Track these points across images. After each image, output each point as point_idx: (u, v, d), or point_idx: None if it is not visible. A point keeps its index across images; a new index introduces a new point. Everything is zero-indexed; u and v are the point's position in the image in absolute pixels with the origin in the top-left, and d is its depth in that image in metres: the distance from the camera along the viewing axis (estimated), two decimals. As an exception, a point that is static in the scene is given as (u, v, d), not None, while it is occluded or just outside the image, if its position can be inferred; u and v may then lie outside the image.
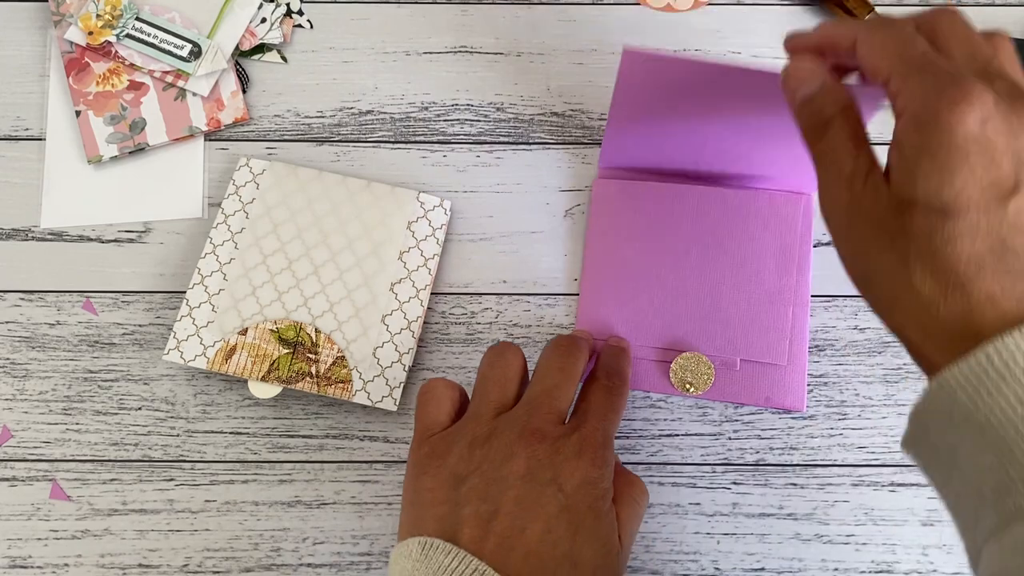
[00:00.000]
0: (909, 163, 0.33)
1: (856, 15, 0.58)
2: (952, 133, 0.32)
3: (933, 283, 0.33)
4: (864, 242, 0.35)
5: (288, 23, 0.59)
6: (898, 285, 0.34)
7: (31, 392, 0.53)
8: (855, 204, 0.35)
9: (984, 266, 0.32)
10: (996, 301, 0.32)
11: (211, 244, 0.54)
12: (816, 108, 0.36)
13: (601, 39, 0.59)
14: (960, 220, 0.32)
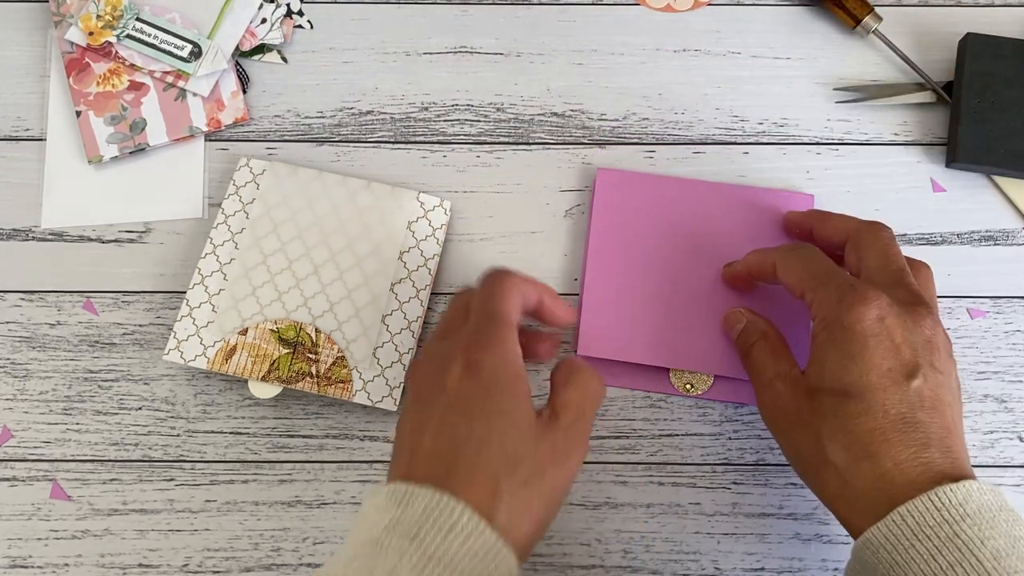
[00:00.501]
0: (819, 356, 0.42)
1: (856, 15, 0.58)
2: (851, 329, 0.40)
3: (844, 454, 0.40)
4: (789, 427, 0.43)
5: (288, 23, 0.59)
6: (817, 459, 0.41)
7: (31, 392, 0.53)
8: (778, 398, 0.44)
9: (889, 438, 0.39)
10: (903, 468, 0.38)
11: (211, 244, 0.54)
12: (744, 338, 0.48)
13: (601, 39, 0.59)
14: (862, 400, 0.40)
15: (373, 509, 0.37)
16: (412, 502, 0.36)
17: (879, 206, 0.56)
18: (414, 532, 0.35)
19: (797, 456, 0.43)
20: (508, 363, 0.39)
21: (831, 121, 0.58)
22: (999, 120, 0.55)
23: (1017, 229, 0.56)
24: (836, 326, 0.41)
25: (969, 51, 0.56)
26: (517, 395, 0.39)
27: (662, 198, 0.54)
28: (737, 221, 0.53)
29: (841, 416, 0.40)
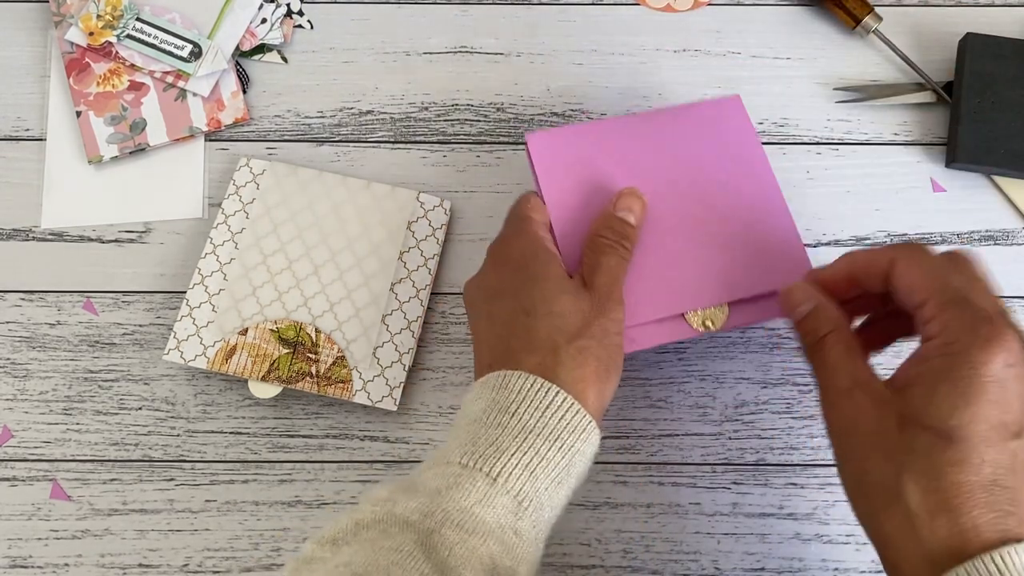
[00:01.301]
0: (929, 384, 0.36)
1: (856, 15, 0.58)
2: (977, 368, 0.35)
3: (922, 500, 0.35)
4: (864, 450, 0.37)
5: (288, 23, 0.59)
6: (888, 495, 0.36)
7: (31, 392, 0.53)
8: (859, 414, 0.37)
9: (974, 497, 0.34)
10: (980, 532, 0.34)
11: (211, 244, 0.54)
12: (812, 326, 0.41)
13: (601, 39, 0.59)
14: (962, 449, 0.34)
15: (469, 400, 0.41)
16: (505, 385, 0.39)
17: (879, 206, 0.56)
18: (513, 409, 0.39)
19: (861, 482, 0.38)
20: (533, 244, 0.44)
21: (831, 121, 0.58)
22: (999, 120, 0.55)
23: (1017, 229, 0.56)
24: (962, 358, 0.35)
25: (969, 51, 0.56)
26: (546, 263, 0.43)
27: (603, 146, 0.49)
28: (681, 142, 0.50)
29: (934, 459, 0.35)
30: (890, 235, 0.55)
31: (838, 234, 0.55)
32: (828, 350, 0.40)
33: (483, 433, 0.38)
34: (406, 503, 0.36)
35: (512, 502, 0.37)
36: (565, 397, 0.39)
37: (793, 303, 0.43)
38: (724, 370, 0.53)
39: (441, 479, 0.37)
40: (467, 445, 0.38)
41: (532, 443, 0.38)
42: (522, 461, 0.37)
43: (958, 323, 0.36)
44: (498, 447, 0.38)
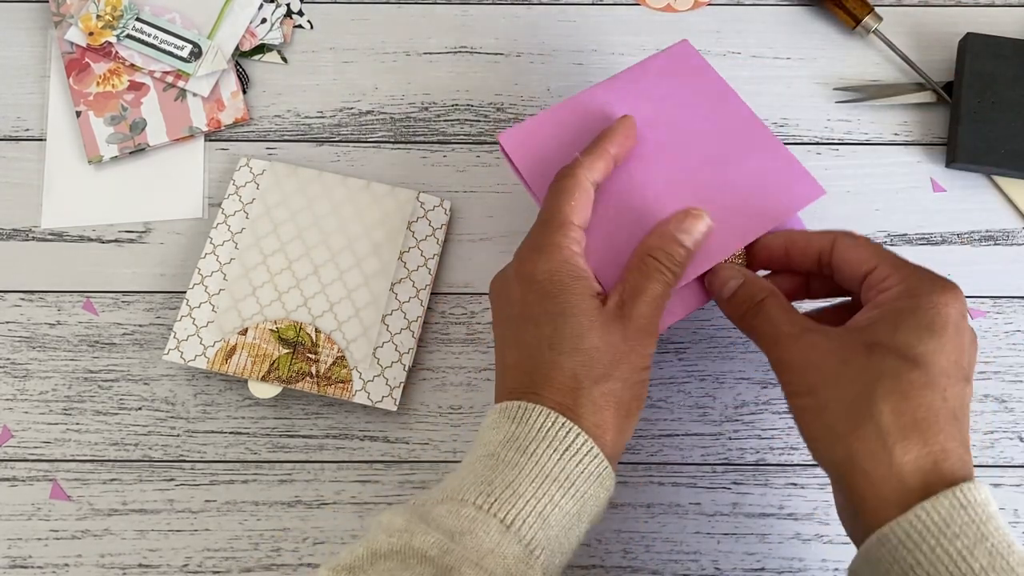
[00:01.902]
0: (893, 318, 0.38)
1: (856, 15, 0.58)
2: (940, 308, 0.37)
3: (894, 419, 0.36)
4: (825, 381, 0.38)
5: (288, 23, 0.59)
6: (858, 417, 0.37)
7: (31, 392, 0.53)
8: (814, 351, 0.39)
9: (941, 421, 0.36)
10: (949, 456, 0.36)
11: (211, 244, 0.54)
12: (747, 294, 0.42)
13: (601, 39, 0.59)
14: (928, 373, 0.36)
15: (487, 427, 0.40)
16: (526, 419, 0.38)
17: (879, 206, 0.56)
18: (532, 449, 0.38)
19: (824, 411, 0.38)
20: (564, 265, 0.41)
21: (831, 121, 0.58)
22: (999, 120, 0.55)
23: (1017, 229, 0.56)
24: (925, 299, 0.38)
25: (969, 51, 0.56)
26: (577, 293, 0.40)
27: (577, 125, 0.48)
28: (650, 100, 0.48)
29: (903, 380, 0.36)
30: (890, 235, 0.55)
31: (838, 234, 0.55)
32: (768, 309, 0.41)
33: (499, 472, 0.38)
34: (424, 537, 0.35)
35: (524, 551, 0.36)
36: (585, 440, 0.38)
37: (721, 280, 0.43)
38: (724, 370, 0.53)
39: (455, 520, 0.36)
40: (483, 484, 0.37)
41: (547, 489, 0.37)
42: (536, 508, 0.37)
43: (916, 277, 0.39)
44: (514, 490, 0.37)
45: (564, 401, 0.39)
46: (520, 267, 0.42)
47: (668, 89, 0.48)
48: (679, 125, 0.47)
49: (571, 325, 0.40)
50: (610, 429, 0.39)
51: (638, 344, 0.40)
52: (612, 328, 0.40)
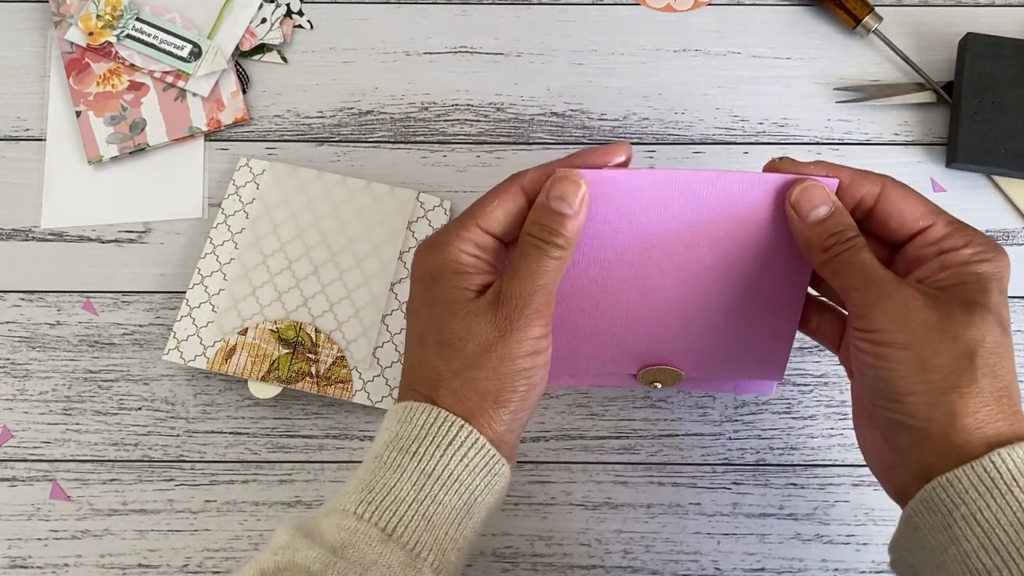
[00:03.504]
0: (982, 281, 0.37)
1: (856, 15, 0.58)
2: (1006, 268, 0.38)
3: (991, 382, 0.36)
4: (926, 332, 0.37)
5: (288, 23, 0.59)
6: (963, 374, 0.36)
7: (31, 392, 0.53)
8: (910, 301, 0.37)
9: (1015, 383, 0.37)
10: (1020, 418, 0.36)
11: (211, 244, 0.54)
12: (838, 226, 0.39)
13: (601, 39, 0.59)
14: (1009, 339, 0.37)
15: (380, 429, 0.39)
16: (411, 418, 0.38)
17: (879, 206, 0.56)
18: (414, 449, 0.37)
19: (925, 364, 0.36)
20: (446, 261, 0.39)
21: (831, 121, 0.58)
22: (999, 120, 0.55)
23: (1017, 229, 0.56)
24: (994, 263, 0.38)
25: (969, 51, 0.56)
26: (451, 285, 0.39)
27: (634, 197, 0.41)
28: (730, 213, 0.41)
29: (998, 343, 0.37)
30: (890, 235, 0.55)
31: (838, 234, 0.55)
32: (860, 253, 0.38)
33: (381, 476, 0.37)
34: (307, 552, 0.35)
35: (407, 556, 0.36)
36: (469, 432, 0.37)
37: (812, 201, 0.39)
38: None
39: (337, 533, 0.36)
40: (364, 492, 0.37)
41: (430, 489, 0.36)
42: (419, 511, 0.36)
43: (981, 239, 0.38)
44: (395, 496, 0.36)
45: (428, 394, 0.38)
46: (413, 262, 0.41)
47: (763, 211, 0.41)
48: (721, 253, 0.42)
49: (437, 317, 0.38)
50: (474, 419, 0.38)
51: (512, 328, 0.37)
52: (480, 316, 0.38)
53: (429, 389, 0.38)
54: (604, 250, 0.42)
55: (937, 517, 0.36)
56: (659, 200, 0.41)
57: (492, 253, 0.40)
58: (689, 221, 0.41)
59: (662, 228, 0.41)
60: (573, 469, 0.52)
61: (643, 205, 0.41)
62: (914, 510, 0.37)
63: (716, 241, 0.41)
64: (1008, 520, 0.34)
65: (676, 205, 0.41)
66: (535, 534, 0.51)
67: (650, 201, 0.40)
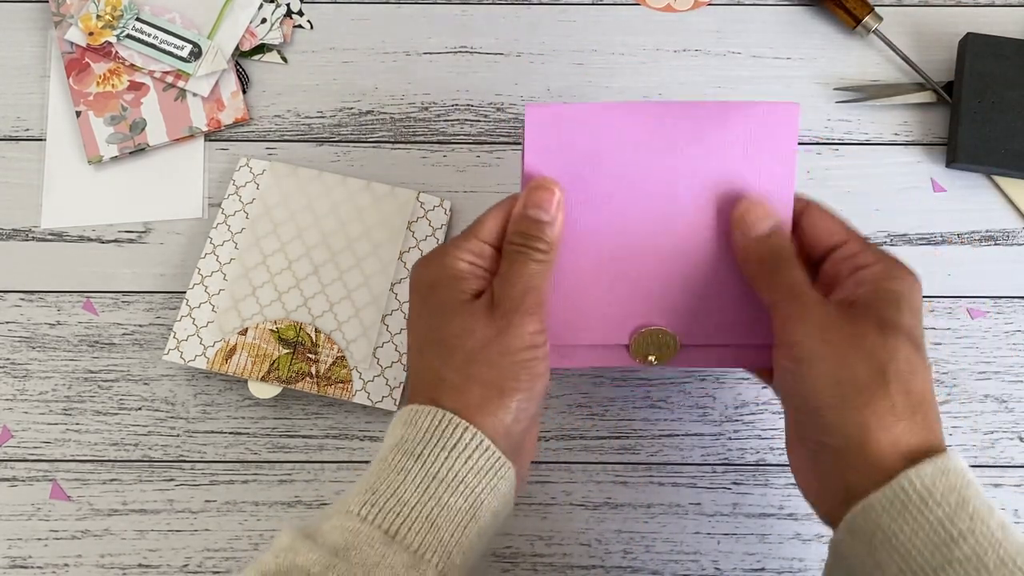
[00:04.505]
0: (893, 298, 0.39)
1: (856, 15, 0.58)
2: (915, 294, 0.39)
3: (903, 398, 0.37)
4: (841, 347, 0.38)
5: (288, 23, 0.59)
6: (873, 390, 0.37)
7: (31, 392, 0.53)
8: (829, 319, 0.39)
9: (932, 403, 0.38)
10: (936, 434, 0.37)
11: (211, 244, 0.54)
12: (777, 243, 0.41)
13: (601, 39, 0.59)
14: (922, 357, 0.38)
15: (387, 434, 0.40)
16: (415, 421, 0.38)
17: (879, 206, 0.56)
18: (419, 451, 0.37)
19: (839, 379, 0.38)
20: (443, 269, 0.41)
21: (831, 121, 0.58)
22: (999, 120, 0.55)
23: (1017, 229, 0.56)
24: (905, 282, 0.39)
25: (969, 51, 0.56)
26: (447, 290, 0.40)
27: (610, 133, 0.42)
28: (701, 149, 0.42)
29: (910, 361, 0.38)
30: (890, 235, 0.55)
31: (838, 234, 0.55)
32: (792, 270, 0.40)
33: (385, 478, 0.37)
34: (308, 555, 0.35)
35: (411, 558, 0.36)
36: (474, 435, 0.37)
37: (757, 216, 0.42)
38: (724, 370, 0.53)
39: (340, 535, 0.36)
40: (368, 494, 0.37)
41: (435, 492, 0.37)
42: (423, 513, 0.36)
43: (892, 259, 0.40)
44: (399, 498, 0.36)
45: (431, 395, 0.39)
46: (411, 276, 0.42)
47: (732, 148, 0.42)
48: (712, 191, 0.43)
49: (435, 321, 0.40)
50: (478, 409, 0.38)
51: (508, 325, 0.39)
52: (476, 316, 0.39)
53: (431, 391, 0.39)
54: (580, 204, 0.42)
55: (860, 544, 0.36)
56: (630, 136, 0.42)
57: (487, 260, 0.41)
58: (663, 157, 0.42)
59: (636, 168, 0.42)
60: (573, 469, 0.52)
61: (615, 142, 0.42)
62: (839, 539, 0.37)
63: (694, 179, 0.42)
64: (923, 540, 0.34)
65: (648, 141, 0.42)
66: (535, 534, 0.51)
67: (621, 138, 0.42)
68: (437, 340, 0.39)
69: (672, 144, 0.42)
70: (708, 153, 0.42)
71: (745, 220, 0.42)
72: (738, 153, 0.42)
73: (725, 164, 0.42)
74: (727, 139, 0.42)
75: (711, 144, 0.42)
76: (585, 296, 0.44)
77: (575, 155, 0.42)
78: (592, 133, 0.42)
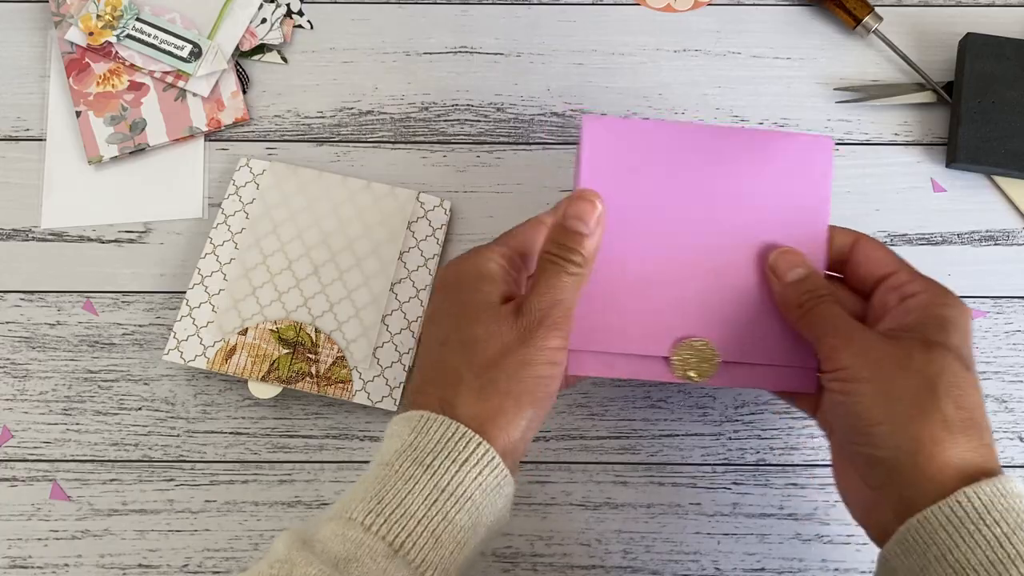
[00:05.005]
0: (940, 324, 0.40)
1: (856, 15, 0.58)
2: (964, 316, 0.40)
3: (955, 412, 0.37)
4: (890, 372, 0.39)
5: (288, 24, 0.59)
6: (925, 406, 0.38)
7: (31, 392, 0.53)
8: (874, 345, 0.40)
9: (985, 423, 0.38)
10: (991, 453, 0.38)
11: (211, 244, 0.54)
12: (810, 287, 0.42)
13: (601, 39, 0.59)
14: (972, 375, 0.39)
15: (389, 435, 0.39)
16: (426, 429, 0.37)
17: (879, 206, 0.56)
18: (428, 461, 0.37)
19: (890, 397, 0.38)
20: (473, 268, 0.41)
21: (831, 121, 0.58)
22: (999, 120, 0.55)
23: (1017, 229, 0.56)
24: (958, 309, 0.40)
25: (969, 51, 0.56)
26: (475, 290, 0.40)
27: (659, 150, 0.46)
28: (747, 172, 0.46)
29: (960, 378, 0.38)
30: (890, 235, 0.55)
31: (838, 234, 0.55)
32: (830, 306, 0.42)
33: (392, 486, 0.36)
34: (306, 567, 0.34)
35: (412, 574, 0.35)
36: (487, 451, 0.37)
37: (789, 263, 0.43)
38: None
39: (341, 544, 0.35)
40: (373, 501, 0.36)
41: (441, 506, 0.36)
42: (428, 527, 0.36)
43: (939, 287, 0.41)
44: (405, 509, 0.36)
45: (444, 396, 0.38)
46: (438, 273, 0.42)
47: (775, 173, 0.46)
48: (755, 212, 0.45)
49: (462, 316, 0.39)
50: (489, 422, 0.38)
51: (532, 336, 0.39)
52: (503, 321, 0.39)
53: (447, 389, 0.38)
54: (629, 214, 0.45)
55: (913, 558, 0.36)
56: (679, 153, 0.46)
57: (517, 268, 0.42)
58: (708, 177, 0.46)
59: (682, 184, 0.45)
60: (573, 469, 0.52)
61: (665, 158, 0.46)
62: (890, 552, 0.37)
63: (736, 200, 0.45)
64: (978, 559, 0.34)
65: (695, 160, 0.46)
66: (535, 534, 0.51)
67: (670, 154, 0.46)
68: (460, 337, 0.39)
69: (717, 166, 0.45)
70: (749, 177, 0.45)
71: (778, 268, 0.43)
72: (776, 179, 0.46)
73: (765, 188, 0.45)
74: (767, 166, 0.46)
75: (752, 169, 0.46)
76: (628, 304, 0.45)
77: (626, 167, 0.45)
78: (643, 147, 0.45)
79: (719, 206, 0.45)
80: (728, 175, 0.46)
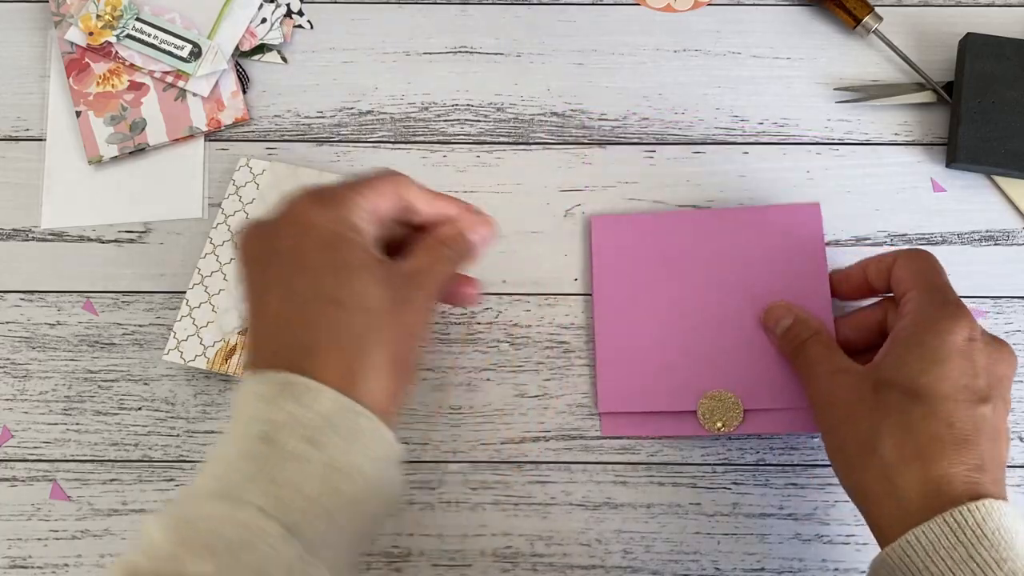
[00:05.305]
0: (899, 352, 0.42)
1: (856, 15, 0.58)
2: (943, 336, 0.41)
3: (896, 452, 0.39)
4: (841, 418, 0.43)
5: (288, 23, 0.59)
6: (864, 453, 0.41)
7: (31, 392, 0.53)
8: (837, 390, 0.44)
9: (945, 449, 0.39)
10: (951, 481, 0.38)
11: (211, 244, 0.54)
12: (793, 335, 0.48)
13: (601, 39, 0.59)
14: (930, 404, 0.39)
15: (257, 397, 0.35)
16: (308, 401, 0.35)
17: (879, 206, 0.56)
18: (317, 438, 0.34)
19: (842, 448, 0.43)
20: (345, 219, 0.38)
21: (831, 121, 0.58)
22: (999, 120, 0.55)
23: (1017, 229, 0.56)
24: (928, 330, 0.41)
25: (969, 51, 0.56)
26: (359, 247, 0.38)
27: (662, 235, 0.53)
28: (743, 244, 0.52)
29: (906, 415, 0.40)
30: (890, 235, 0.55)
31: (838, 234, 0.55)
32: (809, 348, 0.47)
33: (283, 466, 0.34)
34: (199, 566, 0.31)
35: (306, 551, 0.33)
36: (377, 426, 0.36)
37: (775, 317, 0.49)
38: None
39: (232, 528, 0.32)
40: (267, 482, 0.33)
41: (336, 484, 0.34)
42: (322, 505, 0.34)
43: (928, 305, 0.43)
44: (300, 491, 0.34)
45: (351, 365, 0.36)
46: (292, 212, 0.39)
47: (770, 240, 0.52)
48: (758, 277, 0.52)
49: (357, 280, 0.37)
50: (391, 394, 0.37)
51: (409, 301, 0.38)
52: (379, 281, 0.37)
53: (353, 360, 0.36)
54: (644, 292, 0.52)
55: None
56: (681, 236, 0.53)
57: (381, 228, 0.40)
58: (712, 252, 0.52)
59: (689, 260, 0.52)
60: (573, 469, 0.52)
61: (669, 241, 0.53)
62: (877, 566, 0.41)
63: (740, 268, 0.52)
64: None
65: (697, 240, 0.53)
66: (535, 534, 0.51)
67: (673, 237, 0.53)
68: (359, 303, 0.37)
69: (719, 241, 0.52)
70: (749, 247, 0.52)
71: (767, 324, 0.50)
72: (774, 243, 0.52)
73: (764, 253, 0.52)
74: (764, 234, 0.52)
75: (751, 240, 0.52)
76: (655, 369, 0.51)
77: (635, 253, 0.53)
78: (648, 235, 0.53)
79: (726, 275, 0.52)
80: (730, 247, 0.52)
